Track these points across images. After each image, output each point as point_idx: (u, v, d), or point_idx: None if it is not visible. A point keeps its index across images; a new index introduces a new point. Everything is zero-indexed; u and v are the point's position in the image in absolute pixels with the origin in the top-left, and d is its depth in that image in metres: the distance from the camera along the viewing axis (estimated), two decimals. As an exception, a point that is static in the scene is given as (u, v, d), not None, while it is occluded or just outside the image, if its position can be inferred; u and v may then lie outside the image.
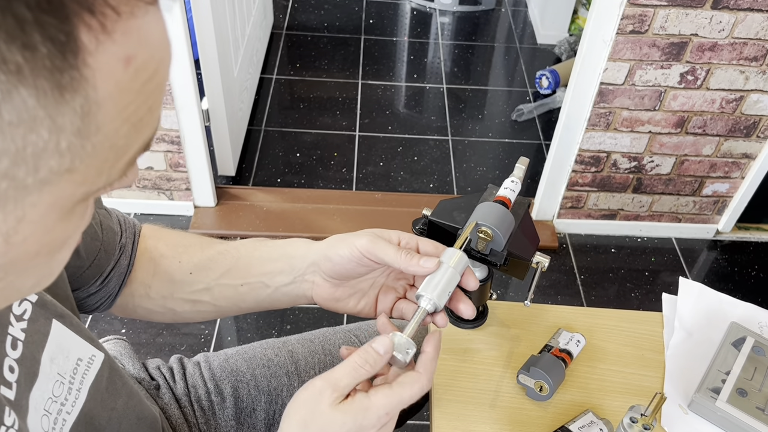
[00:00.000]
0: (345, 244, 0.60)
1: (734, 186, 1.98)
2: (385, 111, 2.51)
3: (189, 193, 1.98)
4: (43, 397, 0.48)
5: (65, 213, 0.29)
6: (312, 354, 0.87)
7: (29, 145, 0.24)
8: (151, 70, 0.27)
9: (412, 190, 2.20)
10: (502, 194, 0.73)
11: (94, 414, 0.53)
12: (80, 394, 0.52)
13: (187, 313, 0.67)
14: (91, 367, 0.54)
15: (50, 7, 0.23)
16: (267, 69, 2.65)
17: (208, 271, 0.65)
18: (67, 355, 0.51)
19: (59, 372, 0.50)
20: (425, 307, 0.58)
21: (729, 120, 1.81)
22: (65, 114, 0.25)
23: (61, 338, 0.51)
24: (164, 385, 0.80)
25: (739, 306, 0.88)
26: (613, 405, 0.77)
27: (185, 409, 0.79)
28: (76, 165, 0.26)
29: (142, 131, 0.29)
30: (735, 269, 2.06)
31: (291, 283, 0.64)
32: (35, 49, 0.23)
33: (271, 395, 0.83)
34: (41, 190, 0.26)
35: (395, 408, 0.51)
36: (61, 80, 0.24)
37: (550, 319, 0.86)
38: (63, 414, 0.49)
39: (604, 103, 1.76)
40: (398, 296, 0.65)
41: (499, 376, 0.79)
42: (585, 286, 1.96)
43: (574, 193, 2.00)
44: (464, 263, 0.60)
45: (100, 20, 0.24)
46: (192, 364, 0.84)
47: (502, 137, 2.44)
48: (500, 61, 2.85)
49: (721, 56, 1.66)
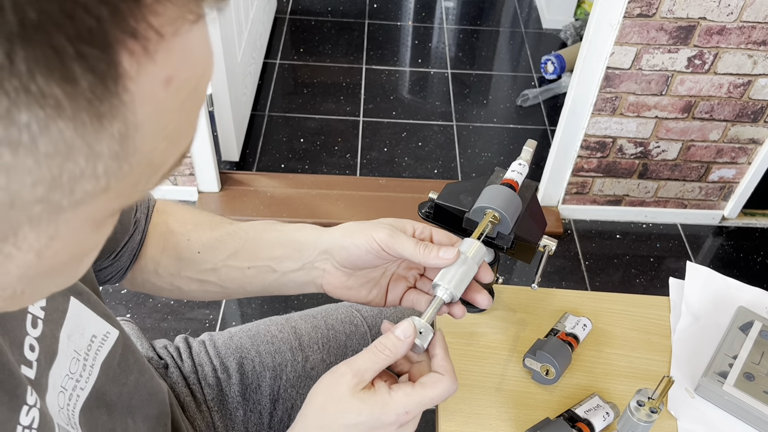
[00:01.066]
0: (363, 235, 0.59)
1: (741, 172, 1.97)
2: (390, 96, 2.50)
3: (193, 178, 1.98)
4: (61, 375, 0.48)
5: (97, 225, 0.28)
6: (315, 329, 0.88)
7: (65, 172, 0.24)
8: (192, 86, 0.26)
9: (417, 175, 2.19)
10: (510, 177, 0.73)
11: (105, 390, 0.53)
12: (93, 370, 0.52)
13: (194, 292, 0.67)
14: (104, 343, 0.54)
15: (92, 38, 0.21)
16: (270, 54, 2.63)
17: (215, 251, 0.64)
18: (82, 332, 0.51)
19: (75, 349, 0.50)
20: (441, 296, 0.57)
21: (736, 105, 1.79)
22: (103, 141, 0.24)
23: (78, 315, 0.51)
24: (172, 364, 0.81)
25: (747, 290, 0.88)
26: (619, 389, 0.77)
27: (193, 387, 0.80)
28: (112, 185, 0.26)
29: (180, 145, 0.28)
30: (741, 255, 2.05)
31: (299, 269, 0.63)
32: (76, 82, 0.21)
33: (276, 371, 0.83)
34: (75, 209, 0.26)
35: (416, 408, 0.51)
36: (101, 109, 0.23)
37: (556, 303, 0.85)
38: (77, 390, 0.50)
39: (611, 88, 1.75)
40: (409, 285, 0.65)
41: (505, 359, 0.79)
42: (590, 272, 1.96)
43: (579, 178, 1.99)
44: (482, 254, 0.59)
45: (142, 44, 0.23)
46: (197, 343, 0.84)
47: (507, 123, 2.43)
48: (505, 46, 2.83)
49: (729, 40, 1.65)
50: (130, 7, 0.22)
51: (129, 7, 0.22)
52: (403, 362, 0.58)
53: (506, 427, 0.72)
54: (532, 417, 0.73)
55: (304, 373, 0.84)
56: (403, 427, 0.52)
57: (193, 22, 0.25)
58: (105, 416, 0.54)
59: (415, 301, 0.63)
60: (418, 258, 0.57)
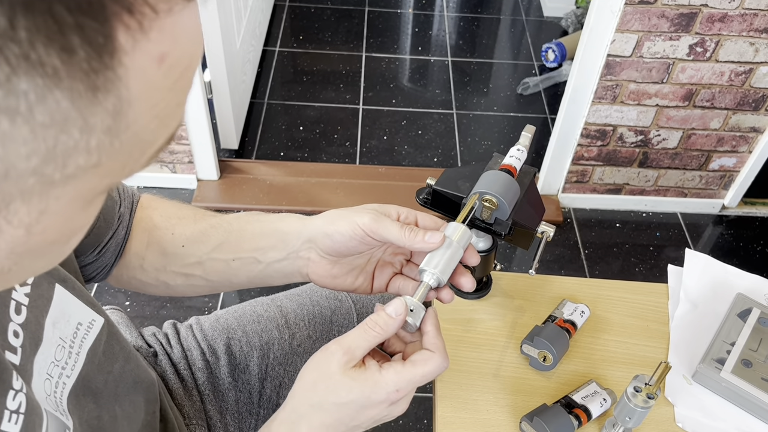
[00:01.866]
0: (346, 221, 0.58)
1: (741, 160, 1.96)
2: (389, 84, 2.49)
3: (192, 166, 1.98)
4: (46, 362, 0.48)
5: (86, 203, 0.29)
6: (300, 306, 0.88)
7: (60, 144, 0.24)
8: (183, 66, 0.27)
9: (416, 164, 2.19)
10: (508, 163, 0.72)
11: (91, 377, 0.53)
12: (79, 357, 0.52)
13: (179, 286, 0.66)
14: (90, 331, 0.53)
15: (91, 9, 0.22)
16: (270, 41, 2.62)
17: (199, 244, 0.64)
18: (68, 320, 0.51)
19: (61, 336, 0.50)
20: (428, 281, 0.57)
21: (737, 93, 1.78)
22: (97, 114, 0.24)
23: (63, 303, 0.50)
24: (161, 351, 0.81)
25: (746, 277, 0.88)
26: (616, 375, 0.77)
27: (183, 373, 0.80)
28: (102, 161, 0.26)
29: (168, 125, 0.29)
30: (740, 244, 2.04)
31: (284, 259, 0.62)
32: (74, 53, 0.22)
33: (263, 349, 0.84)
34: (66, 184, 0.26)
35: (406, 386, 0.51)
36: (96, 81, 0.23)
37: (555, 290, 0.85)
38: (63, 378, 0.50)
39: (611, 76, 1.74)
40: (395, 271, 0.64)
41: (502, 346, 0.79)
42: (589, 260, 1.96)
43: (579, 167, 1.98)
44: (468, 237, 0.59)
45: (138, 19, 0.23)
46: (185, 328, 0.85)
47: (508, 111, 2.42)
48: (506, 34, 2.81)
49: (731, 27, 1.63)
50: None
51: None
52: (397, 342, 0.58)
53: (503, 413, 0.72)
54: (530, 403, 0.73)
55: (291, 350, 0.85)
56: (394, 405, 0.52)
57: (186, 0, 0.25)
58: (91, 404, 0.53)
59: (401, 287, 0.63)
60: (403, 242, 0.56)
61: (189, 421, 0.77)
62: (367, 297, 0.89)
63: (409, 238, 0.56)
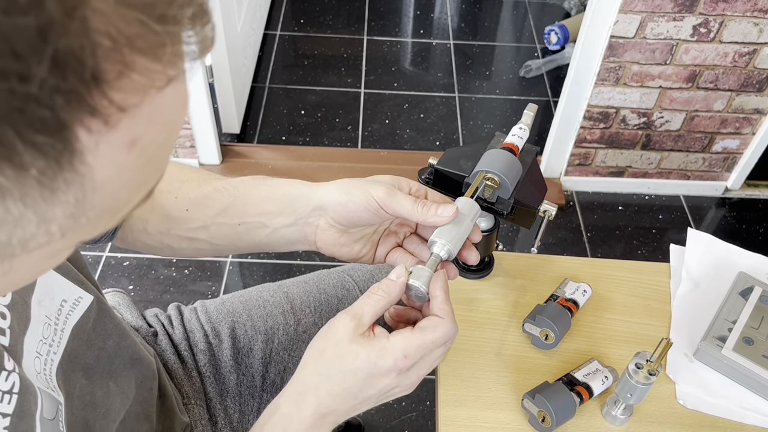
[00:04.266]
0: (361, 192, 0.57)
1: (745, 142, 1.96)
2: (391, 68, 2.48)
3: (193, 150, 1.97)
4: (36, 340, 0.48)
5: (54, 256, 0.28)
6: (307, 293, 0.88)
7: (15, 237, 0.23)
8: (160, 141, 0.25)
9: (418, 147, 2.18)
10: (510, 141, 0.72)
11: (79, 353, 0.53)
12: (63, 334, 0.51)
13: (184, 250, 0.65)
14: (76, 308, 0.53)
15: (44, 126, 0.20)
16: (271, 25, 2.60)
17: (204, 208, 0.62)
18: (52, 297, 0.50)
19: (46, 314, 0.49)
20: (439, 252, 0.56)
21: (741, 74, 1.77)
22: (56, 208, 0.23)
23: (47, 281, 0.50)
24: (161, 331, 0.81)
25: (748, 256, 0.88)
26: (618, 354, 0.77)
27: (184, 353, 0.80)
28: (68, 235, 0.25)
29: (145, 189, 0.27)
30: (743, 227, 2.04)
31: (292, 225, 0.61)
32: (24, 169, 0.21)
33: (268, 334, 0.84)
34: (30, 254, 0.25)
35: (415, 352, 0.50)
36: (53, 185, 0.22)
37: (557, 270, 0.85)
38: (51, 354, 0.50)
39: (614, 57, 1.73)
40: (398, 242, 0.64)
41: (504, 324, 0.79)
42: (591, 243, 1.96)
43: (582, 150, 1.97)
44: (477, 213, 0.59)
45: (103, 119, 0.22)
46: (189, 311, 0.85)
47: (510, 94, 2.41)
48: (508, 17, 2.79)
49: (735, 8, 1.62)
50: (88, 88, 0.21)
51: (87, 89, 0.21)
52: (418, 315, 0.57)
53: (506, 391, 0.73)
54: (531, 381, 0.73)
55: (296, 336, 0.85)
56: (403, 375, 0.50)
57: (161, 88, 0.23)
58: (83, 380, 0.54)
59: (398, 260, 0.62)
60: (416, 216, 0.56)
61: (188, 401, 0.77)
62: None
63: (422, 213, 0.55)
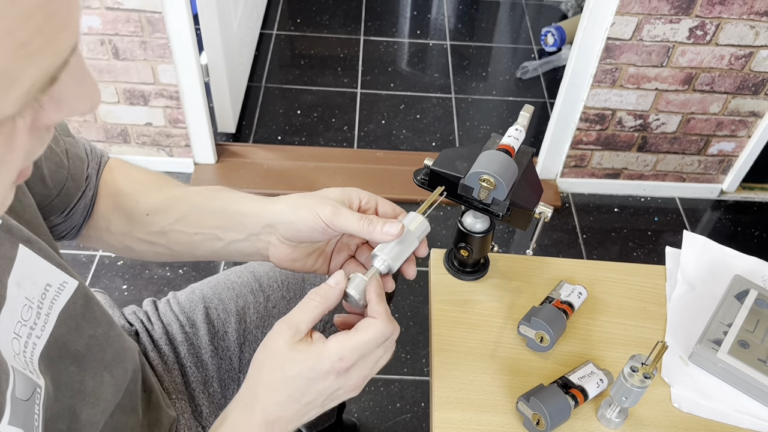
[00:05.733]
0: (308, 211, 0.59)
1: (740, 145, 1.96)
2: (388, 68, 2.47)
3: (189, 149, 1.97)
4: (13, 321, 0.48)
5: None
6: (273, 269, 0.89)
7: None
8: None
9: (414, 148, 2.18)
10: (506, 143, 0.72)
11: (68, 339, 0.53)
12: (49, 318, 0.52)
13: (144, 252, 0.67)
14: (61, 293, 0.53)
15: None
16: (267, 24, 2.60)
17: (163, 214, 0.65)
18: (34, 281, 0.51)
19: (27, 296, 0.50)
20: (379, 267, 0.58)
21: (737, 77, 1.77)
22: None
23: (28, 263, 0.50)
24: (142, 329, 0.82)
25: (743, 259, 0.87)
26: (613, 356, 0.77)
27: (164, 349, 0.81)
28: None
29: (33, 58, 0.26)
30: (738, 229, 2.05)
31: (244, 240, 0.64)
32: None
33: (240, 314, 0.85)
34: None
35: (350, 354, 0.51)
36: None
37: (552, 272, 0.85)
38: (33, 338, 0.50)
39: (611, 59, 1.73)
40: (350, 254, 0.66)
41: (499, 326, 0.79)
42: (587, 245, 1.96)
43: (578, 151, 1.97)
44: (425, 230, 0.61)
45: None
46: (163, 303, 0.86)
47: (507, 95, 2.40)
48: (505, 18, 2.79)
49: (731, 10, 1.62)
50: None
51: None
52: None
53: (500, 393, 0.72)
54: (527, 383, 0.73)
55: (266, 312, 0.86)
56: (342, 377, 0.52)
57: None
58: (72, 367, 0.54)
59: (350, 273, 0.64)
60: (362, 233, 0.57)
61: (169, 395, 0.78)
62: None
63: (368, 231, 0.57)
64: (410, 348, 1.65)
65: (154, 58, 1.72)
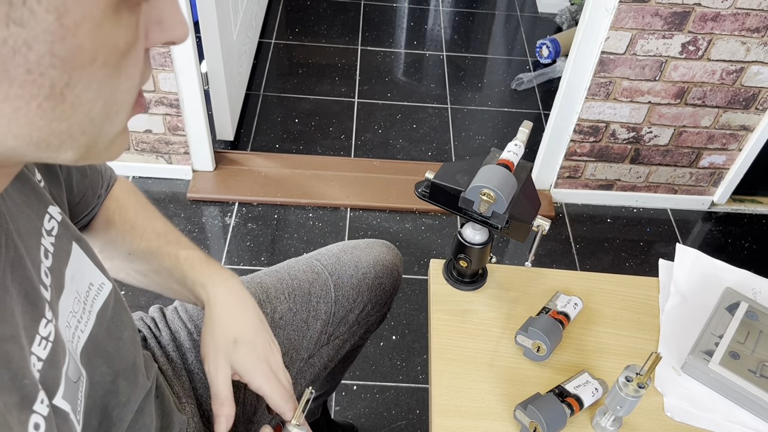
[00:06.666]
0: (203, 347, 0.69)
1: (731, 158, 1.99)
2: (385, 78, 2.50)
3: (187, 156, 1.98)
4: (67, 309, 0.51)
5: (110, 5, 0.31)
6: (280, 281, 0.91)
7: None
8: None
9: (411, 157, 2.20)
10: (505, 157, 0.74)
11: (100, 340, 0.56)
12: (90, 316, 0.55)
13: (119, 274, 0.75)
14: (100, 293, 0.56)
15: None
16: (266, 33, 2.62)
17: (141, 261, 0.73)
18: (82, 277, 0.54)
19: (77, 290, 0.53)
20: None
21: (728, 91, 1.81)
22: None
23: (78, 260, 0.54)
24: (149, 335, 0.84)
25: (734, 272, 0.90)
26: (608, 366, 0.79)
27: (172, 355, 0.83)
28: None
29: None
30: (729, 241, 2.08)
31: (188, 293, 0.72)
32: None
33: None
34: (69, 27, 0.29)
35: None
36: None
37: (549, 283, 0.87)
38: (78, 331, 0.52)
39: (605, 73, 1.76)
40: None
41: (497, 336, 0.81)
42: (580, 255, 1.98)
43: (572, 162, 2.00)
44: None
45: None
46: (170, 311, 0.88)
47: (502, 106, 2.43)
48: (501, 30, 2.83)
49: (723, 27, 1.66)
50: None
51: None
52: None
53: (498, 401, 0.74)
54: (523, 392, 0.75)
55: (272, 323, 0.88)
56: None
57: None
58: (104, 367, 0.56)
59: None
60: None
61: (179, 399, 0.79)
62: (343, 269, 0.95)
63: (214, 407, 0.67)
64: (405, 356, 1.67)
65: (155, 67, 1.74)
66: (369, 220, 1.99)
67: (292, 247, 1.89)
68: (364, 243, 1.01)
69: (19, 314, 0.42)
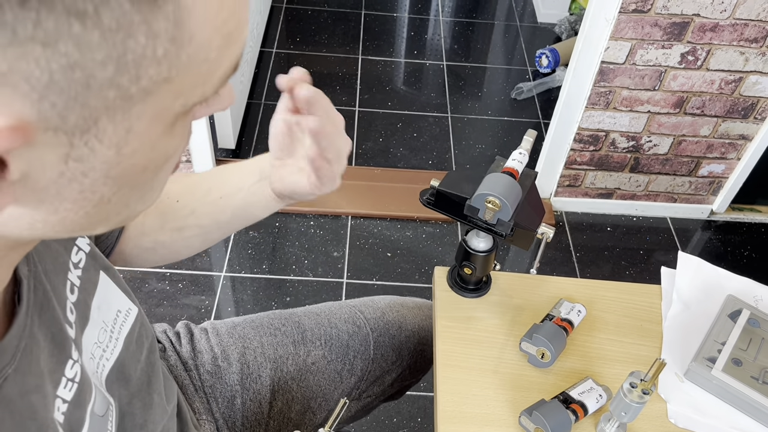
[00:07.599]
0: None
1: (730, 167, 2.00)
2: (385, 87, 2.51)
3: (189, 165, 1.99)
4: (91, 341, 0.51)
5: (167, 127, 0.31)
6: (318, 326, 0.89)
7: (129, 50, 0.26)
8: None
9: (411, 166, 2.21)
10: (510, 165, 0.75)
11: (125, 364, 0.56)
12: (118, 343, 0.54)
13: (175, 242, 0.69)
14: (127, 319, 0.56)
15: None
16: (267, 43, 2.63)
17: (191, 195, 0.68)
18: (109, 305, 0.54)
19: (104, 320, 0.53)
20: None
21: (727, 101, 1.82)
22: (159, 19, 0.26)
23: (106, 289, 0.54)
24: (170, 347, 0.82)
25: (736, 280, 0.91)
26: (612, 372, 0.79)
27: (191, 372, 0.82)
28: (173, 75, 0.28)
29: (231, 46, 0.31)
30: (728, 249, 2.09)
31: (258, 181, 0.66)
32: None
33: (277, 362, 0.85)
34: (144, 101, 0.28)
35: None
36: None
37: (552, 290, 0.88)
38: (103, 360, 0.52)
39: (605, 82, 1.77)
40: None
41: (501, 343, 0.81)
42: (580, 263, 1.99)
43: (572, 171, 2.01)
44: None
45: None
46: (199, 330, 0.86)
47: (501, 115, 2.45)
48: (500, 39, 2.85)
49: (722, 37, 1.67)
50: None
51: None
52: None
53: (503, 408, 0.75)
54: (528, 398, 0.75)
55: (305, 367, 0.86)
56: None
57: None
58: (123, 389, 0.56)
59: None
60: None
61: (199, 416, 0.78)
62: (386, 327, 0.92)
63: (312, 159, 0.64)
64: (407, 364, 1.67)
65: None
66: (370, 228, 2.00)
67: (293, 255, 1.89)
68: (412, 303, 0.98)
69: (45, 360, 0.42)
